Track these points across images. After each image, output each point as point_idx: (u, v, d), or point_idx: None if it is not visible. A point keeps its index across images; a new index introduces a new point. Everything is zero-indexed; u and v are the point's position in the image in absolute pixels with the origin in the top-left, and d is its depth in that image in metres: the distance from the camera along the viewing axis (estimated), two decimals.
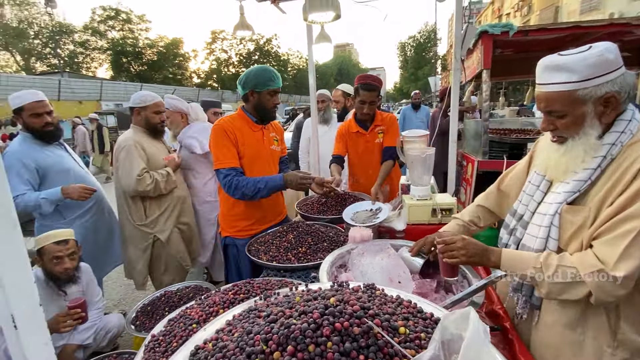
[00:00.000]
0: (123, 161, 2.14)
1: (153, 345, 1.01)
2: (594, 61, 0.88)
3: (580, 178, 0.95)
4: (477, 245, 1.07)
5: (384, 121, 2.38)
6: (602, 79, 0.88)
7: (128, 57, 29.43)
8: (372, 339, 0.59)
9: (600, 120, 0.92)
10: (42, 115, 2.05)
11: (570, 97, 0.91)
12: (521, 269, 0.97)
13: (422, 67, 39.12)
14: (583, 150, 0.94)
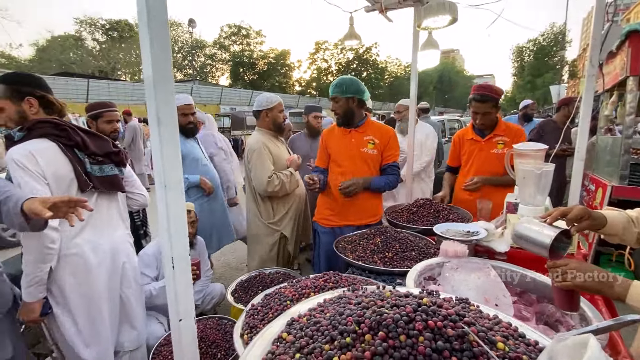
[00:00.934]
0: (255, 163, 2.33)
1: (253, 312, 1.16)
2: None
3: None
4: (594, 268, 0.91)
5: (508, 132, 2.22)
6: None
7: (244, 67, 33.76)
8: (467, 344, 0.57)
9: None
10: (188, 116, 2.59)
11: None
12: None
13: (543, 75, 33.94)
14: None
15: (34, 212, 1.08)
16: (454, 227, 1.73)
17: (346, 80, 2.07)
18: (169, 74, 0.67)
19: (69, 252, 1.46)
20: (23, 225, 1.16)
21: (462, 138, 2.41)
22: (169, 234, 0.68)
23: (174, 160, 0.67)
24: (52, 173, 1.38)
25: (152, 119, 0.65)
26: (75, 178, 1.44)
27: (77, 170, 1.44)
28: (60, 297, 1.48)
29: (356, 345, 0.62)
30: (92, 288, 1.51)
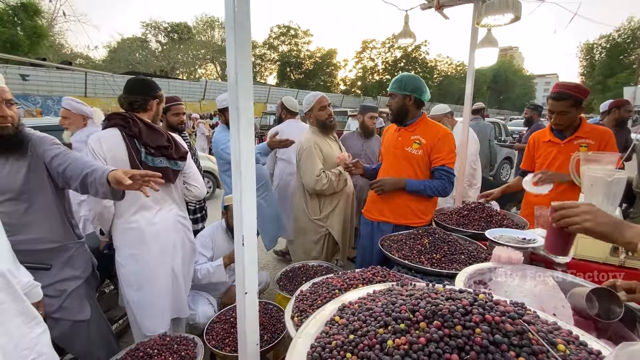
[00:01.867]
0: (305, 161, 2.43)
1: (302, 298, 1.23)
2: None
3: None
4: (608, 215, 0.86)
5: (593, 134, 2.04)
6: None
7: (291, 67, 34.59)
8: (525, 340, 0.57)
9: None
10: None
11: None
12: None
13: (616, 75, 30.31)
14: None
15: (117, 180, 1.28)
16: (508, 232, 1.65)
17: (406, 77, 2.03)
18: (248, 71, 0.75)
19: (129, 226, 1.73)
20: (107, 193, 1.38)
21: (538, 140, 2.25)
22: (241, 214, 0.76)
23: (249, 150, 0.75)
24: (112, 156, 1.65)
25: (233, 110, 0.73)
26: (129, 162, 1.68)
27: (132, 157, 1.69)
28: (122, 268, 1.76)
29: (410, 331, 0.65)
30: (146, 260, 1.74)
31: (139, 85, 1.83)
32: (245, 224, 0.78)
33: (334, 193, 2.47)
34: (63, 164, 1.43)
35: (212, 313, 2.16)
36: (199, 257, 2.17)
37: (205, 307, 2.24)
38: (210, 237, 2.27)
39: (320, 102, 2.51)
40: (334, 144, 2.58)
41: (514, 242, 1.53)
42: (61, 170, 1.43)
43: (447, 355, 0.57)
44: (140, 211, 1.74)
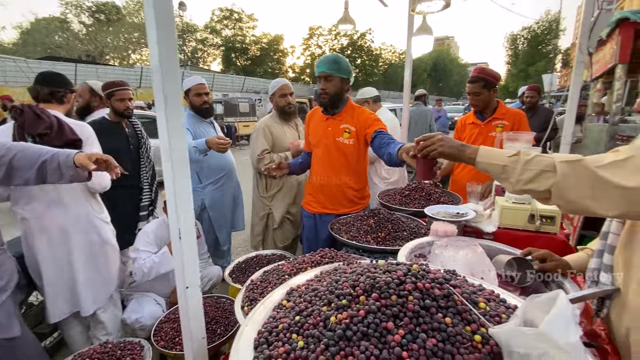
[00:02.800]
0: (252, 141, 2.55)
1: (252, 287, 1.22)
2: None
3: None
4: (455, 140, 1.09)
5: (508, 116, 2.30)
6: None
7: (236, 53, 33.13)
8: (451, 302, 0.63)
9: None
10: (202, 95, 2.59)
11: None
12: (497, 159, 0.96)
13: (536, 63, 34.02)
14: None
15: (82, 163, 1.36)
16: (444, 209, 1.80)
17: (342, 59, 1.94)
18: (173, 52, 0.69)
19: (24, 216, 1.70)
20: (74, 177, 1.42)
21: (464, 123, 2.53)
22: (176, 205, 0.72)
23: (179, 136, 0.71)
24: None
25: (158, 95, 0.68)
26: None
27: None
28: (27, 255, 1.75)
29: (352, 305, 0.68)
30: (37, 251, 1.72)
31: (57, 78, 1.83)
32: (181, 215, 0.74)
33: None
34: (7, 155, 1.35)
35: (160, 313, 2.05)
36: (141, 254, 2.03)
37: (152, 307, 2.12)
38: (154, 233, 2.13)
39: (282, 89, 2.54)
40: (290, 131, 2.62)
41: (449, 216, 1.67)
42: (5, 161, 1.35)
43: (383, 324, 0.61)
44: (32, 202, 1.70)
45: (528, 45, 36.92)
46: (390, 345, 0.58)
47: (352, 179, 2.05)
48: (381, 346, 0.59)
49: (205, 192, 2.67)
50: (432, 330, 0.59)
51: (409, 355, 0.56)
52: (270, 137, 2.50)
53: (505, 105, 2.39)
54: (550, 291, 1.19)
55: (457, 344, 0.58)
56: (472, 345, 0.59)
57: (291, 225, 2.69)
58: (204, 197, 2.67)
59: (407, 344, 0.58)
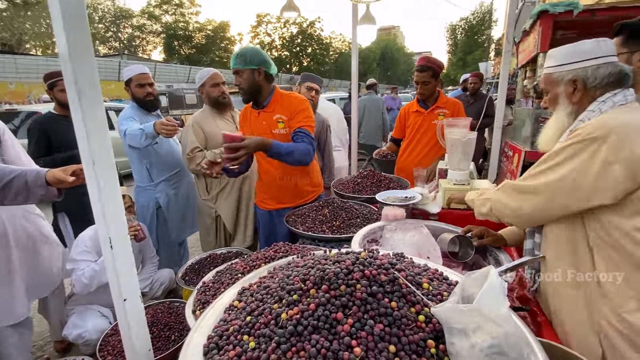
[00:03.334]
0: (182, 139, 2.35)
1: (204, 290, 1.17)
2: (566, 51, 1.08)
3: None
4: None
5: (448, 105, 2.44)
6: (572, 65, 1.06)
7: (179, 41, 30.96)
8: (396, 286, 0.66)
9: (570, 100, 1.09)
10: (145, 86, 2.34)
11: (549, 78, 1.13)
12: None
13: (473, 52, 36.56)
14: (554, 126, 1.13)
15: (58, 179, 1.29)
16: (393, 194, 1.87)
17: (249, 50, 1.86)
18: (86, 37, 0.61)
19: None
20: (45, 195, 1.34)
21: (408, 111, 2.62)
22: (103, 212, 0.65)
23: (100, 134, 0.63)
24: None
25: (71, 89, 0.59)
26: None
27: None
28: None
29: (302, 300, 0.67)
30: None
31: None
32: (111, 222, 0.67)
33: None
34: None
35: (106, 326, 1.90)
36: (79, 264, 1.84)
37: (96, 320, 1.95)
38: (92, 239, 1.93)
39: (213, 78, 2.36)
40: (225, 124, 2.42)
41: (398, 201, 1.74)
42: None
43: (333, 315, 0.62)
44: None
45: (465, 35, 39.47)
46: (340, 335, 0.59)
47: (301, 168, 2.00)
48: (331, 337, 0.59)
49: (158, 191, 2.48)
50: (380, 316, 0.61)
51: (358, 343, 0.57)
52: (201, 133, 2.31)
53: (444, 94, 2.53)
54: (487, 264, 1.32)
55: (402, 327, 0.60)
56: (416, 326, 0.61)
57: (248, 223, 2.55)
58: (158, 195, 2.48)
59: (356, 332, 0.59)
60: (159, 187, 2.47)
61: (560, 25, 3.10)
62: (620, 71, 1.03)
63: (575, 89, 1.07)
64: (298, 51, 34.79)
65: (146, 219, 2.50)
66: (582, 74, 1.05)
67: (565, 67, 1.07)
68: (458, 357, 0.55)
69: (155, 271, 2.36)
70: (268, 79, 1.90)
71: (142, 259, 2.34)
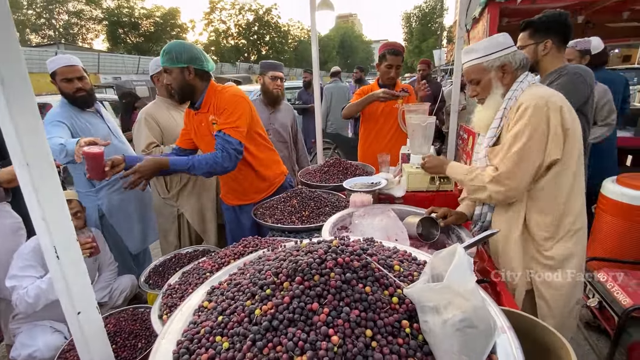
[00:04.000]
0: (134, 135, 2.15)
1: (170, 292, 1.11)
2: (487, 44, 1.30)
3: (494, 126, 1.33)
4: (435, 160, 1.56)
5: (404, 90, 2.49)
6: (496, 54, 1.28)
7: (124, 28, 28.55)
8: (369, 271, 0.66)
9: (502, 82, 1.30)
10: (73, 81, 2.04)
11: (479, 67, 1.32)
12: (457, 174, 1.42)
13: (427, 40, 37.82)
14: (493, 105, 1.32)
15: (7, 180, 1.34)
16: (360, 180, 1.90)
17: (175, 45, 1.67)
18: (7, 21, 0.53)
19: None
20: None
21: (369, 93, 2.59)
22: (44, 217, 0.58)
23: (33, 132, 0.55)
24: None
25: None
26: None
27: None
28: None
29: (276, 294, 0.65)
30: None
31: None
32: (54, 230, 0.60)
33: None
34: None
35: (61, 341, 1.75)
36: (21, 281, 1.66)
37: (48, 337, 1.79)
38: (34, 251, 1.75)
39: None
40: (179, 116, 2.23)
41: (365, 187, 1.77)
42: None
43: (309, 306, 0.61)
44: None
45: (420, 23, 40.63)
46: (317, 325, 0.58)
47: (254, 165, 1.92)
48: (308, 329, 0.58)
49: (100, 197, 2.24)
50: (355, 302, 0.61)
51: (335, 332, 0.57)
52: (156, 127, 2.13)
53: (400, 81, 2.59)
54: (451, 242, 1.39)
55: (377, 310, 0.61)
56: (390, 308, 0.63)
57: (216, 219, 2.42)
58: (100, 202, 2.24)
59: (332, 321, 0.58)
60: (101, 193, 2.23)
61: (505, 13, 3.29)
62: (524, 57, 1.32)
63: (504, 72, 1.30)
64: (255, 39, 33.70)
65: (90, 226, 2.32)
66: (507, 60, 1.29)
67: (492, 56, 1.29)
68: (432, 334, 0.57)
69: (114, 278, 2.20)
70: (202, 76, 1.73)
71: (99, 266, 2.17)
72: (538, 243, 1.31)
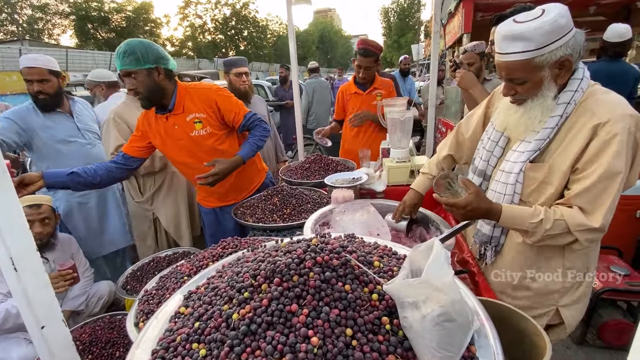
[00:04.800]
0: (103, 138, 2.06)
1: (147, 298, 1.07)
2: (548, 28, 0.90)
3: (541, 137, 1.02)
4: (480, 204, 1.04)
5: (383, 85, 2.53)
6: (556, 44, 0.91)
7: (94, 23, 27.26)
8: (349, 269, 0.66)
9: (556, 82, 0.98)
10: (32, 83, 1.96)
11: (529, 64, 0.94)
12: (519, 225, 1.03)
13: (405, 34, 38.21)
14: (541, 112, 1.00)
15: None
16: (341, 176, 1.89)
17: (140, 44, 1.51)
18: None
19: None
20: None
21: (346, 92, 2.64)
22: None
23: None
24: None
25: None
26: None
27: None
28: None
29: (254, 297, 0.64)
30: None
31: None
32: (10, 239, 0.55)
33: (153, 172, 2.10)
34: None
35: (35, 353, 1.66)
36: None
37: (22, 349, 1.70)
38: None
39: None
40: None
41: (346, 183, 1.76)
42: None
43: (288, 307, 0.59)
44: None
45: (398, 18, 40.96)
46: (296, 327, 0.57)
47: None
48: (287, 331, 0.57)
49: (58, 198, 2.15)
50: (335, 301, 0.60)
51: (315, 332, 0.56)
52: (126, 128, 2.03)
53: (379, 76, 2.61)
54: (430, 235, 1.40)
55: (357, 308, 0.60)
56: (371, 305, 0.62)
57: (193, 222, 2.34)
58: (58, 204, 2.14)
59: (312, 322, 0.57)
60: (59, 194, 2.13)
61: (480, 7, 3.35)
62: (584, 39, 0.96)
63: (562, 69, 0.95)
64: (233, 34, 32.99)
65: None
66: (569, 51, 0.93)
67: (550, 47, 0.92)
68: (411, 329, 0.57)
69: (90, 285, 2.11)
70: (169, 76, 1.62)
71: None
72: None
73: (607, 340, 1.94)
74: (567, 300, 1.14)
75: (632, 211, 2.21)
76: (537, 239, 1.02)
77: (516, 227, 1.05)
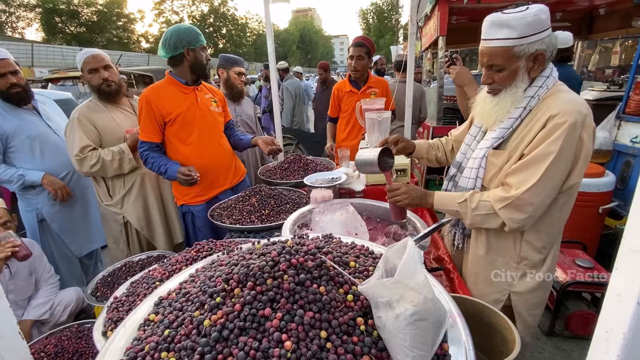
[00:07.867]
0: (67, 139, 1.93)
1: (117, 305, 1.02)
2: (531, 20, 0.96)
3: (505, 126, 1.09)
4: (418, 190, 1.23)
5: (377, 84, 2.58)
6: (534, 37, 0.97)
7: (62, 17, 25.92)
8: (324, 270, 0.65)
9: (529, 74, 1.03)
10: (6, 76, 1.86)
11: (509, 52, 1.00)
12: (449, 205, 1.14)
13: (384, 36, 38.79)
14: (510, 102, 1.06)
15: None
16: (321, 176, 1.89)
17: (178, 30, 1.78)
18: None
19: None
20: None
21: (341, 90, 2.66)
22: None
23: None
24: None
25: None
26: None
27: None
28: None
29: (226, 302, 0.62)
30: None
31: None
32: None
33: (122, 174, 2.01)
34: None
35: None
36: None
37: None
38: None
39: (88, 63, 1.91)
40: (123, 115, 2.06)
41: (325, 182, 1.76)
42: None
43: (260, 312, 0.58)
44: None
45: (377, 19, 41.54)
46: (270, 332, 0.56)
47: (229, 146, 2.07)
48: (260, 336, 0.56)
49: (39, 200, 2.08)
50: (309, 303, 0.60)
51: (289, 336, 0.55)
52: (92, 128, 1.93)
53: (372, 74, 2.65)
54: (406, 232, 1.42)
55: (332, 310, 0.60)
56: (345, 306, 0.62)
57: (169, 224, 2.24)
58: (39, 206, 2.09)
59: (286, 326, 0.56)
60: (41, 196, 2.07)
61: (454, 11, 3.44)
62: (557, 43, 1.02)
63: (536, 62, 1.01)
64: (212, 32, 32.32)
65: (29, 232, 2.11)
66: (544, 46, 0.98)
67: (529, 39, 0.96)
68: (385, 329, 0.57)
69: (55, 292, 2.00)
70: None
71: (36, 281, 1.95)
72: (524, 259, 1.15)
73: (574, 331, 2.05)
74: (520, 287, 1.18)
75: (595, 207, 2.34)
76: (469, 221, 1.11)
77: (449, 209, 1.14)
